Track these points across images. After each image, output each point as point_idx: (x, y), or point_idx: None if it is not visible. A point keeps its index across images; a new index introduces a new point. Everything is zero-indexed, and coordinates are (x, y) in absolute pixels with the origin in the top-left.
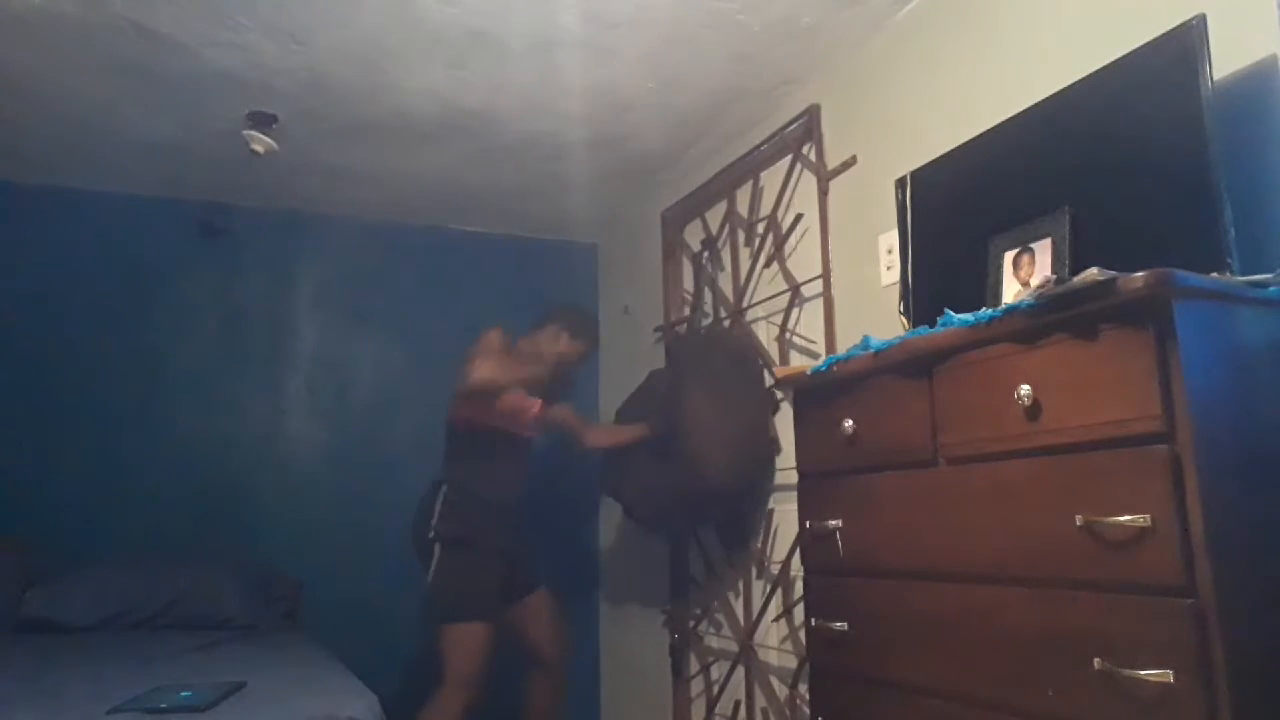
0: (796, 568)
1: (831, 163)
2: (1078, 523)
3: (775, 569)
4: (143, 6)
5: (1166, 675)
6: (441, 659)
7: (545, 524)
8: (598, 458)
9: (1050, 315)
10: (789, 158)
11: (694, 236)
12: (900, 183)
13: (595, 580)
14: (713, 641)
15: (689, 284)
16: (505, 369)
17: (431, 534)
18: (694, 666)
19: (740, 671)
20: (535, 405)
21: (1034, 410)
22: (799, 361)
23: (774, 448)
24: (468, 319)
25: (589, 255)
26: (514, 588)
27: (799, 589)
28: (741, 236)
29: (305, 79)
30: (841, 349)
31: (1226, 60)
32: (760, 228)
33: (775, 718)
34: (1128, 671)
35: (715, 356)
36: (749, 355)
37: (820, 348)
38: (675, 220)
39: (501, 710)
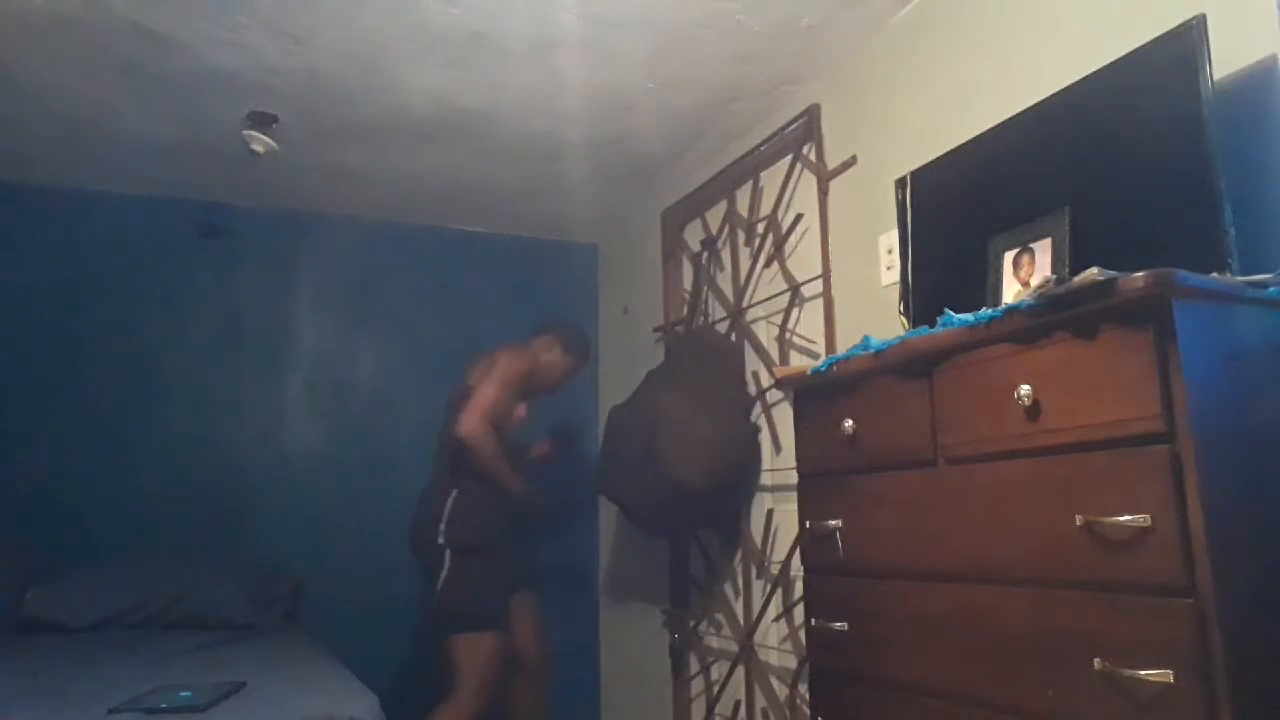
0: (796, 568)
1: (831, 163)
2: (1078, 523)
3: (775, 569)
4: (143, 6)
5: (1166, 675)
6: (454, 668)
7: (545, 525)
8: (594, 460)
9: (1050, 315)
10: (789, 158)
11: (694, 236)
12: (900, 183)
13: (595, 580)
14: (713, 641)
15: (689, 284)
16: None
17: (441, 540)
18: (694, 666)
19: (740, 671)
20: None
21: (1034, 410)
22: (799, 361)
23: (755, 447)
24: (468, 319)
25: (589, 255)
26: (510, 589)
27: (799, 589)
28: (741, 236)
29: (305, 79)
30: (841, 349)
31: (1226, 60)
32: (760, 228)
33: (775, 718)
34: (1128, 671)
35: (694, 356)
36: (729, 354)
37: (820, 348)
38: (675, 220)
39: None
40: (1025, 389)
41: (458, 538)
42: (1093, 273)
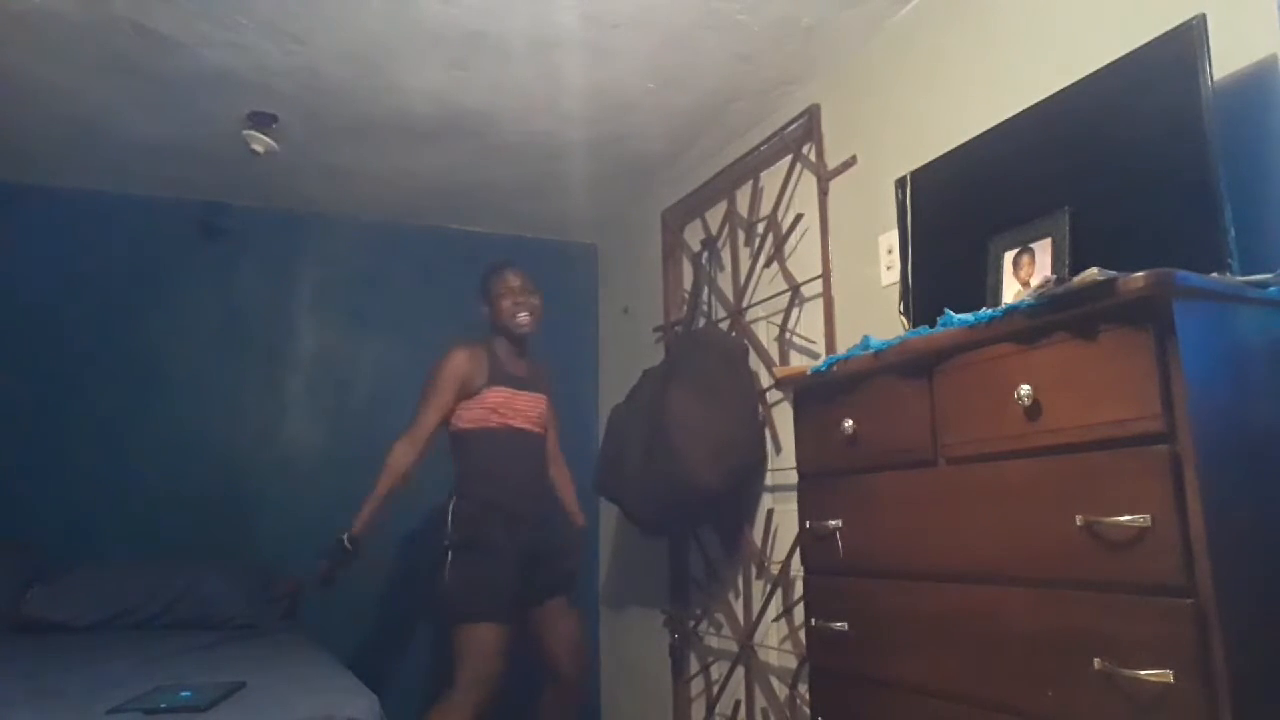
0: (796, 568)
1: (831, 163)
2: (1078, 523)
3: (775, 569)
4: (143, 6)
5: (1166, 675)
6: (454, 660)
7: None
8: (595, 460)
9: (1050, 315)
10: (789, 158)
11: (694, 236)
12: (900, 183)
13: (595, 580)
14: (713, 641)
15: (689, 284)
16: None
17: (446, 542)
18: (694, 666)
19: (740, 671)
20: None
21: (1034, 410)
22: (799, 361)
23: (762, 447)
24: (468, 319)
25: (589, 255)
26: (533, 590)
27: (799, 589)
28: (741, 236)
29: (305, 79)
30: (841, 349)
31: (1226, 60)
32: (760, 228)
33: (775, 718)
34: (1128, 671)
35: (700, 356)
36: (736, 354)
37: (820, 348)
38: (675, 220)
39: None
40: (1025, 389)
41: (456, 536)
42: (1093, 273)
